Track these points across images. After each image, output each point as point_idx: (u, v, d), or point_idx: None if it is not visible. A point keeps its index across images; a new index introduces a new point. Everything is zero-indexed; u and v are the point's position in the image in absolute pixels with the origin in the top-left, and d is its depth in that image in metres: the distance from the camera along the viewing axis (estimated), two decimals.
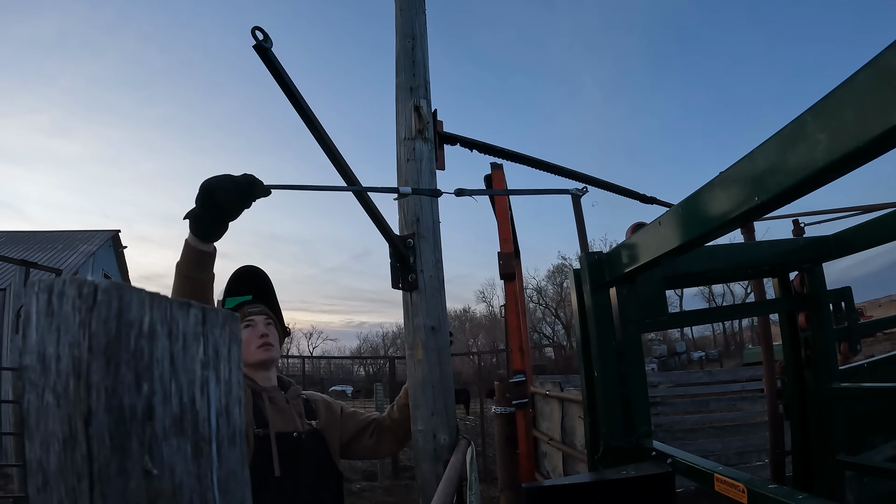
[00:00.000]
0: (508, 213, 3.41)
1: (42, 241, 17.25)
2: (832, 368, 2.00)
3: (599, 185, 2.73)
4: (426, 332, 1.90)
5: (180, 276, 1.29)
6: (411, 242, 1.96)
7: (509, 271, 3.33)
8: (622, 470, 1.49)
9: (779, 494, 1.07)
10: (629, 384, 1.66)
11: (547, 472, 4.60)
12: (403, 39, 2.20)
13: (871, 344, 14.00)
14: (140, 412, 0.25)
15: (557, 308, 38.52)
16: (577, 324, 1.79)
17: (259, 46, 1.16)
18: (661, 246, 1.22)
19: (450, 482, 1.42)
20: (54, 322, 0.25)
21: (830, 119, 0.69)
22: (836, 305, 2.21)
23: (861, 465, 1.81)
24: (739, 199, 0.90)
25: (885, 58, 0.60)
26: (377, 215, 1.75)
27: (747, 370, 5.93)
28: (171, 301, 0.28)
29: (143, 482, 0.25)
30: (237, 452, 0.30)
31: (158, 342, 0.26)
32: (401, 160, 2.11)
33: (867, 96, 0.63)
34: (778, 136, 0.79)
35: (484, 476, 6.93)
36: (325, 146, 1.38)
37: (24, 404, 0.25)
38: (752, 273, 2.33)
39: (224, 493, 0.29)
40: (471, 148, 2.39)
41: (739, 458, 4.90)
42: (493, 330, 38.21)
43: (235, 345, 0.31)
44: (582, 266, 1.73)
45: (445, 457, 1.77)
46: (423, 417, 1.84)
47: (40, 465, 0.24)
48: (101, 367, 0.24)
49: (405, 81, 2.14)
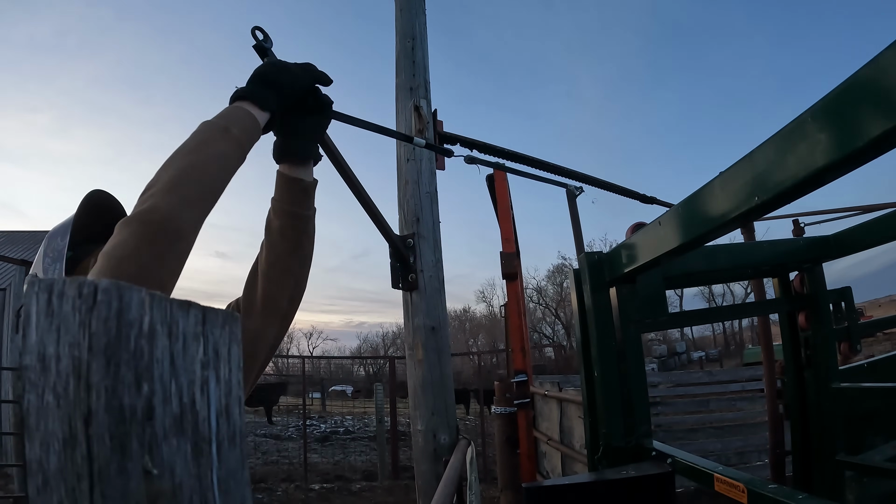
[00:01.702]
0: (510, 213, 3.41)
1: (42, 240, 17.23)
2: (832, 368, 2.00)
3: (599, 184, 2.74)
4: (426, 333, 1.90)
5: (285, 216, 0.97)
6: (411, 242, 1.96)
7: (511, 271, 3.33)
8: (622, 470, 1.49)
9: (779, 494, 1.07)
10: (629, 384, 1.66)
11: (547, 472, 4.61)
12: (403, 40, 2.20)
13: (871, 344, 13.99)
14: (140, 412, 0.25)
15: (557, 308, 38.54)
16: (577, 324, 1.79)
17: (259, 46, 1.15)
18: (662, 246, 1.22)
19: (450, 482, 1.42)
20: (54, 322, 0.25)
21: (830, 119, 0.69)
22: (836, 305, 2.21)
23: (861, 465, 1.81)
24: (739, 199, 0.90)
25: (885, 58, 0.60)
26: (377, 215, 1.75)
27: (747, 370, 5.92)
28: (171, 301, 0.28)
29: (142, 482, 0.25)
30: (237, 453, 0.30)
31: (158, 342, 0.27)
32: (400, 160, 2.12)
33: (867, 96, 0.63)
34: (778, 136, 0.80)
35: (484, 476, 6.94)
36: (325, 147, 1.38)
37: (24, 404, 0.25)
38: (752, 273, 2.34)
39: (224, 493, 0.29)
40: (471, 148, 2.39)
41: (739, 458, 4.90)
42: (493, 330, 38.23)
43: (235, 345, 0.32)
44: (582, 266, 1.73)
45: (445, 456, 1.77)
46: (423, 417, 1.84)
47: (40, 465, 0.24)
48: (101, 367, 0.24)
49: (405, 82, 2.14)
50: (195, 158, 0.80)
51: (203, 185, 0.79)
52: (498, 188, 3.36)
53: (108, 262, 0.69)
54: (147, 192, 0.75)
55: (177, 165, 0.78)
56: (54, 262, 0.94)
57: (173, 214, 0.73)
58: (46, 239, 0.98)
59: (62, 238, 0.95)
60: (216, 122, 0.85)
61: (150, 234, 0.71)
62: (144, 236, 0.71)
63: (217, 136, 0.83)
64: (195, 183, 0.78)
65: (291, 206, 0.99)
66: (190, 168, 0.78)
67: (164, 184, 0.75)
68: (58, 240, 0.95)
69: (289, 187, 0.99)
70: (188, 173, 0.77)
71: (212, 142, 0.82)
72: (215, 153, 0.82)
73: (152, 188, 0.75)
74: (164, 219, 0.73)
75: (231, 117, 0.86)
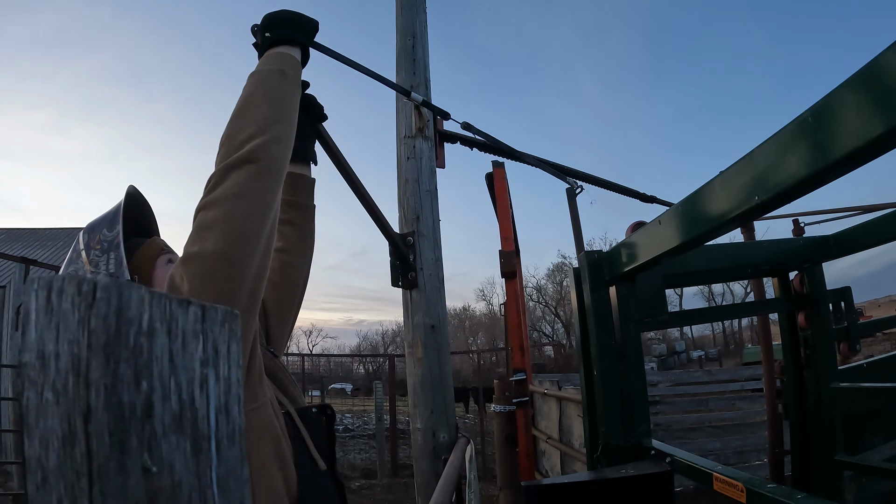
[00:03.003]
0: (509, 212, 3.41)
1: (42, 238, 17.26)
2: (831, 368, 2.00)
3: (599, 183, 2.73)
4: (426, 331, 1.90)
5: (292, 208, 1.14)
6: (411, 240, 1.96)
7: (510, 269, 3.33)
8: (621, 469, 1.49)
9: (777, 494, 1.07)
10: (629, 383, 1.66)
11: (546, 470, 4.61)
12: (404, 38, 2.19)
13: (871, 344, 14.00)
14: (139, 410, 0.25)
15: (557, 307, 38.55)
16: (577, 322, 1.79)
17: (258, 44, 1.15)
18: (661, 245, 1.22)
19: (449, 480, 1.42)
20: (53, 319, 0.25)
21: (831, 119, 0.69)
22: (835, 305, 2.21)
23: (860, 465, 1.81)
24: (739, 199, 0.90)
25: (886, 58, 0.60)
26: (377, 213, 1.75)
27: (746, 369, 5.93)
28: (171, 298, 0.28)
29: (142, 480, 0.25)
30: (236, 450, 0.30)
31: (158, 340, 0.27)
32: (401, 158, 2.11)
33: (867, 96, 0.63)
34: (778, 135, 0.79)
35: (483, 474, 6.95)
36: (325, 145, 1.38)
37: (23, 402, 0.25)
38: (752, 272, 2.34)
39: (223, 491, 0.29)
40: (471, 146, 2.39)
41: (738, 457, 4.91)
42: (492, 328, 38.24)
43: (235, 342, 0.32)
44: (582, 265, 1.73)
45: (445, 455, 1.77)
46: (422, 415, 1.84)
47: (40, 462, 0.24)
48: (101, 365, 0.24)
49: (405, 79, 2.14)
50: (271, 102, 0.90)
51: (285, 123, 0.91)
52: (497, 186, 3.36)
53: (222, 204, 0.78)
54: (235, 139, 0.85)
55: (258, 111, 0.89)
56: (105, 253, 0.93)
57: (272, 153, 0.85)
58: (85, 233, 0.97)
59: (109, 229, 0.95)
60: (270, 68, 0.95)
61: (257, 173, 0.82)
62: (253, 175, 0.81)
63: (279, 80, 0.94)
64: (279, 123, 0.89)
65: (299, 198, 1.17)
66: (270, 111, 0.89)
67: (255, 128, 0.86)
68: (103, 231, 0.95)
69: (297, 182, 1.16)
70: (271, 115, 0.88)
71: (277, 86, 0.93)
72: (283, 94, 0.93)
73: (240, 134, 0.85)
74: (267, 157, 0.84)
75: (280, 62, 0.97)
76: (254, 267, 0.79)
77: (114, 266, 0.92)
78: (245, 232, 0.78)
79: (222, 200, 0.78)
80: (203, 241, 0.76)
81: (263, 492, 0.78)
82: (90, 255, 0.94)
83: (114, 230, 0.94)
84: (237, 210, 0.78)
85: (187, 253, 0.77)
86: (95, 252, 0.94)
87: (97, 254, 0.94)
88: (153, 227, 1.08)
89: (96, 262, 0.93)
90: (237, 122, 0.88)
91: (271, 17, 1.03)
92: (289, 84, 0.95)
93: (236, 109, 0.90)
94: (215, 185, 0.80)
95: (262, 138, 0.84)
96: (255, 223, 0.80)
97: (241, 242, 0.77)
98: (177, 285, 0.75)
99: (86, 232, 0.97)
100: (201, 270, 0.75)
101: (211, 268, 0.75)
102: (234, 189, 0.79)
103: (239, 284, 0.77)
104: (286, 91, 0.94)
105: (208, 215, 0.78)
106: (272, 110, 0.90)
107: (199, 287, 0.74)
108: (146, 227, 1.05)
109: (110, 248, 0.93)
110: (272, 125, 0.87)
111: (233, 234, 0.77)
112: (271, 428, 0.83)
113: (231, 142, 0.85)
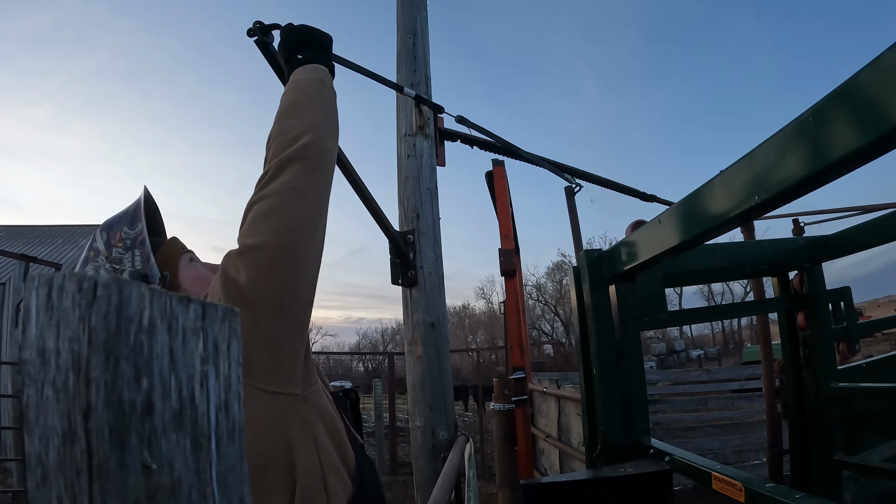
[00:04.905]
0: (509, 210, 3.41)
1: (42, 235, 17.24)
2: (831, 368, 2.01)
3: (599, 182, 2.73)
4: (425, 329, 1.90)
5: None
6: (411, 238, 1.96)
7: (510, 268, 3.33)
8: (620, 467, 1.49)
9: (776, 493, 1.07)
10: (628, 382, 1.66)
11: (545, 469, 4.62)
12: (405, 36, 2.19)
13: (870, 344, 14.02)
14: (139, 407, 0.25)
15: (557, 305, 38.56)
16: (577, 321, 1.79)
17: (260, 41, 1.16)
18: (661, 244, 1.22)
19: (448, 478, 1.43)
20: (54, 317, 0.25)
21: (831, 119, 0.69)
22: (835, 305, 2.22)
23: (859, 465, 1.81)
24: (739, 198, 0.90)
25: (886, 58, 0.60)
26: (377, 211, 1.75)
27: (746, 369, 5.93)
28: (171, 296, 0.28)
29: (142, 477, 0.25)
30: (236, 448, 0.30)
31: (158, 337, 0.27)
32: (401, 156, 2.11)
33: (868, 96, 0.63)
34: (779, 135, 0.79)
35: (482, 472, 6.96)
36: None
37: (23, 399, 0.25)
38: (752, 272, 2.34)
39: (223, 488, 0.29)
40: (471, 144, 2.39)
41: (737, 456, 4.92)
42: (492, 326, 38.23)
43: (235, 340, 0.32)
44: (581, 263, 1.73)
45: (444, 453, 1.77)
46: (422, 413, 1.84)
47: (39, 459, 0.24)
48: (101, 362, 0.24)
49: (406, 77, 2.13)
50: (319, 105, 0.93)
51: (334, 124, 0.94)
52: (497, 185, 3.36)
53: (279, 197, 0.79)
54: (287, 136, 0.86)
55: (308, 111, 0.90)
56: (129, 250, 0.93)
57: (326, 148, 0.88)
58: (103, 231, 0.96)
59: (131, 226, 0.95)
60: (310, 77, 0.98)
61: (311, 168, 0.83)
62: (308, 170, 0.83)
63: (319, 87, 0.97)
64: (328, 123, 0.92)
65: None
66: (319, 111, 0.92)
67: (306, 126, 0.87)
68: (124, 228, 0.95)
69: None
70: (320, 115, 0.91)
71: (318, 92, 0.96)
72: (326, 98, 0.96)
73: (291, 131, 0.86)
74: (321, 152, 0.86)
75: (317, 72, 1.00)
76: (311, 259, 0.80)
77: (140, 262, 0.93)
78: (303, 224, 0.79)
79: (279, 194, 0.79)
80: (261, 232, 0.76)
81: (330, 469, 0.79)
82: (112, 252, 0.94)
83: (136, 227, 0.95)
84: (294, 203, 0.79)
85: (244, 244, 0.76)
86: (118, 249, 0.94)
87: (120, 251, 0.93)
88: (162, 228, 1.09)
89: (119, 258, 0.93)
90: (286, 121, 0.88)
91: (299, 36, 1.04)
92: (329, 90, 0.98)
93: (283, 111, 0.91)
94: (270, 178, 0.81)
95: (315, 135, 0.86)
96: (311, 216, 0.81)
97: (300, 235, 0.78)
98: (231, 277, 0.74)
99: (103, 230, 0.97)
100: (260, 262, 0.74)
101: (271, 259, 0.75)
102: (291, 183, 0.80)
103: (298, 275, 0.77)
104: (328, 97, 0.97)
105: (265, 207, 0.78)
106: (321, 111, 0.92)
107: (258, 278, 0.74)
108: (156, 228, 1.06)
109: (134, 244, 0.94)
110: (322, 124, 0.89)
111: (292, 226, 0.77)
112: (326, 409, 0.85)
113: (282, 139, 0.85)
